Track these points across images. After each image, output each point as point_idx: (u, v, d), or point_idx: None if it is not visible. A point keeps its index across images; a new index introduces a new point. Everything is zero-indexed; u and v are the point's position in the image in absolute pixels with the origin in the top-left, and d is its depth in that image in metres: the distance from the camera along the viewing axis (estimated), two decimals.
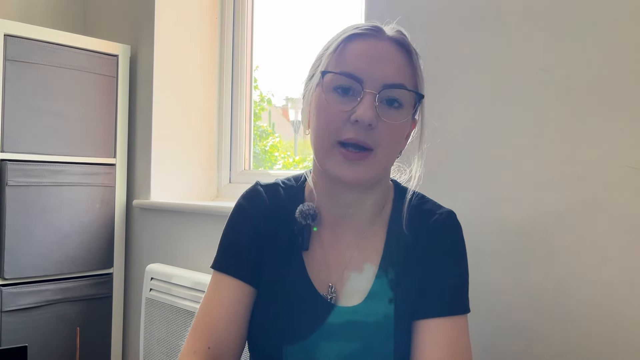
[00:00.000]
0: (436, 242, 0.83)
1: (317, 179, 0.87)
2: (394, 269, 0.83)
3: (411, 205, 0.86)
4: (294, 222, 0.86)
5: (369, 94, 0.77)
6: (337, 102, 0.78)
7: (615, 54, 0.96)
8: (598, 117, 0.97)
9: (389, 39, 0.81)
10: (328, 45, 0.83)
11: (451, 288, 0.82)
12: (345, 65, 0.79)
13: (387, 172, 0.86)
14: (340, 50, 0.80)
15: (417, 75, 0.82)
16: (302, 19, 1.97)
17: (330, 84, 0.79)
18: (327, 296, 0.83)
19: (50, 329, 1.88)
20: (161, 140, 2.03)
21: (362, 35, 0.80)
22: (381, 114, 0.77)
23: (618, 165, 0.95)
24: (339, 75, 0.78)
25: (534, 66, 1.05)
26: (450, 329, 0.79)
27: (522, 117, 1.07)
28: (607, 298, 0.96)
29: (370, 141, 0.77)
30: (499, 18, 1.11)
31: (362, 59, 0.78)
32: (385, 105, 0.78)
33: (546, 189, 1.03)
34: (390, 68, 0.78)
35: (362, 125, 0.76)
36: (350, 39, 0.80)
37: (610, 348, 0.95)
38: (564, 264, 1.01)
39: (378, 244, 0.86)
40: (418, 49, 0.84)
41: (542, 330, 1.03)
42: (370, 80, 0.77)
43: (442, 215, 0.85)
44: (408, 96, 0.80)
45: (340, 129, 0.77)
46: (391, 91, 0.78)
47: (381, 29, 0.82)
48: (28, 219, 1.82)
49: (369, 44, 0.79)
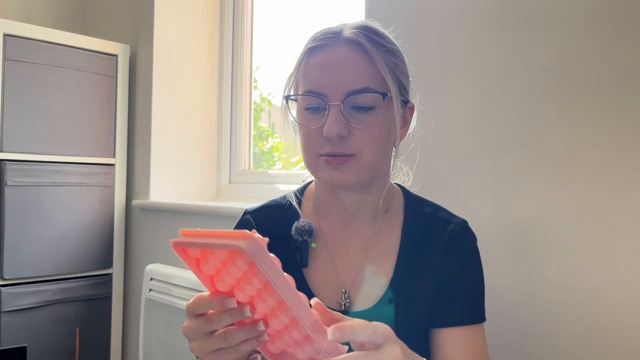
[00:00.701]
0: (453, 252, 0.84)
1: (319, 185, 0.89)
2: (405, 275, 0.83)
3: (424, 212, 0.87)
4: (290, 240, 0.86)
5: (334, 106, 0.77)
6: (309, 120, 0.80)
7: (617, 54, 0.96)
8: (599, 117, 0.97)
9: (346, 42, 0.79)
10: (297, 61, 0.84)
11: (470, 297, 0.83)
12: (310, 83, 0.80)
13: (379, 170, 0.84)
14: (304, 67, 0.81)
15: (383, 71, 0.79)
16: (302, 19, 1.97)
17: (302, 104, 0.81)
18: (342, 302, 0.83)
19: (49, 329, 1.87)
20: (161, 140, 2.03)
21: (319, 46, 0.80)
22: (352, 122, 0.78)
23: (619, 166, 0.95)
24: (303, 95, 0.80)
25: (536, 66, 1.05)
26: (470, 338, 0.81)
27: (522, 117, 1.07)
28: (607, 298, 0.96)
29: (347, 150, 0.78)
30: (500, 17, 1.11)
31: (322, 72, 0.79)
32: (355, 112, 0.78)
33: (546, 189, 1.03)
34: (350, 74, 0.78)
35: (332, 139, 0.77)
36: (311, 52, 0.81)
37: (610, 347, 0.95)
38: (564, 264, 1.01)
39: (390, 250, 0.85)
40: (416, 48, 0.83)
41: (541, 330, 1.03)
42: (333, 92, 0.78)
43: (457, 226, 0.86)
44: (375, 96, 0.79)
45: (318, 145, 0.79)
46: (355, 97, 0.78)
47: (337, 33, 0.80)
48: (27, 219, 1.82)
49: (327, 54, 0.79)
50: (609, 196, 0.96)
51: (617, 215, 0.95)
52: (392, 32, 0.89)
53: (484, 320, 0.84)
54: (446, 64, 1.18)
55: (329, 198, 0.87)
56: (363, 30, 0.80)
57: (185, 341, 1.66)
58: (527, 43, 1.06)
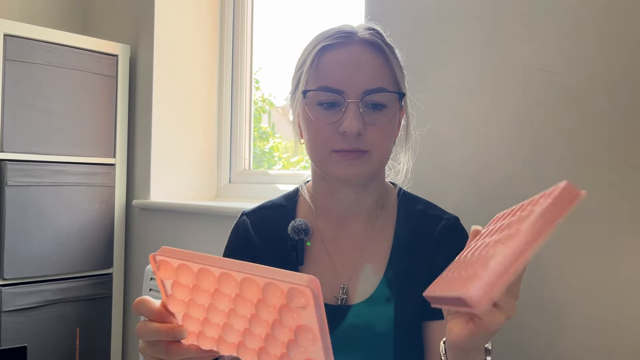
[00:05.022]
0: (445, 247, 0.85)
1: (318, 184, 0.89)
2: (398, 270, 0.85)
3: (417, 209, 0.89)
4: (287, 239, 0.88)
5: (352, 103, 0.78)
6: (323, 116, 0.80)
7: (617, 53, 0.96)
8: (598, 116, 0.97)
9: (362, 42, 0.81)
10: (304, 59, 0.84)
11: None
12: (324, 79, 0.80)
13: (382, 168, 0.89)
14: (317, 64, 0.82)
15: (396, 72, 0.83)
16: (302, 19, 1.97)
17: (313, 100, 0.81)
18: (338, 297, 0.84)
19: (50, 329, 1.87)
20: (161, 140, 2.03)
21: (334, 45, 0.81)
22: (367, 119, 0.79)
23: (619, 166, 0.95)
24: (319, 91, 0.80)
25: (535, 65, 1.05)
26: None
27: (522, 117, 1.07)
28: (606, 298, 0.96)
29: (362, 146, 0.79)
30: (500, 17, 1.11)
31: (339, 69, 0.80)
32: (369, 110, 0.80)
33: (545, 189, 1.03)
34: (368, 73, 0.80)
35: (350, 135, 0.78)
36: (324, 50, 0.82)
37: (610, 347, 0.95)
38: (564, 264, 1.01)
39: (384, 246, 0.87)
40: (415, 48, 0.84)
41: (541, 330, 1.03)
42: (350, 89, 0.79)
43: (449, 221, 0.88)
44: (390, 96, 0.81)
45: (332, 140, 0.80)
46: (373, 96, 0.79)
47: (352, 33, 0.82)
48: (28, 219, 1.82)
49: (343, 52, 0.80)
50: (609, 196, 0.96)
51: (616, 215, 0.95)
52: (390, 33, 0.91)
53: None
54: (446, 64, 1.18)
55: (327, 197, 0.89)
56: (376, 32, 0.83)
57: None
58: (527, 43, 1.06)
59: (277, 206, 0.94)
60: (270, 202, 0.96)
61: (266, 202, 0.96)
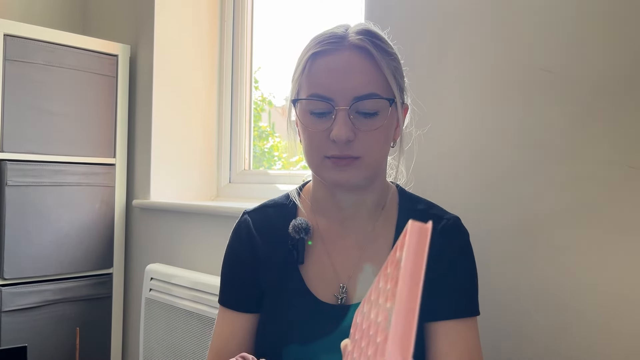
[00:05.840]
0: (446, 247, 0.85)
1: (318, 185, 0.90)
2: None
3: (418, 209, 0.89)
4: (288, 238, 0.88)
5: (341, 110, 0.78)
6: (314, 123, 0.81)
7: (617, 54, 0.96)
8: (598, 116, 0.97)
9: (352, 47, 0.80)
10: (297, 65, 0.85)
11: (462, 291, 0.84)
12: (314, 86, 0.80)
13: (380, 171, 0.88)
14: (308, 71, 0.82)
15: (388, 76, 0.81)
16: (302, 20, 1.97)
17: (306, 107, 0.82)
18: (338, 297, 0.85)
19: (50, 329, 1.87)
20: (161, 140, 2.03)
21: (324, 51, 0.81)
22: (358, 126, 0.79)
23: (619, 165, 0.95)
24: (310, 99, 0.80)
25: (535, 66, 1.05)
26: (462, 331, 0.82)
27: (522, 117, 1.07)
28: (606, 298, 0.96)
29: (353, 152, 0.79)
30: (500, 17, 1.11)
31: (329, 76, 0.79)
32: (360, 116, 0.80)
33: (546, 189, 1.03)
34: (357, 79, 0.79)
35: (340, 142, 0.78)
36: (315, 57, 0.81)
37: (609, 347, 0.95)
38: (564, 264, 1.01)
39: (385, 246, 0.87)
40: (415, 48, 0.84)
41: (541, 330, 1.03)
42: (340, 96, 0.78)
43: (450, 221, 0.88)
44: (381, 101, 0.80)
45: (323, 147, 0.80)
46: (362, 103, 0.79)
47: (343, 38, 0.81)
48: (28, 219, 1.82)
49: (333, 58, 0.80)
50: (608, 195, 0.96)
51: (616, 215, 0.95)
52: (390, 32, 0.90)
53: (477, 314, 0.85)
54: (446, 64, 1.18)
55: (328, 198, 0.89)
56: (367, 36, 0.81)
57: (186, 341, 1.67)
58: (527, 43, 1.06)
59: (279, 205, 0.94)
60: (272, 201, 0.96)
61: (268, 201, 0.96)
